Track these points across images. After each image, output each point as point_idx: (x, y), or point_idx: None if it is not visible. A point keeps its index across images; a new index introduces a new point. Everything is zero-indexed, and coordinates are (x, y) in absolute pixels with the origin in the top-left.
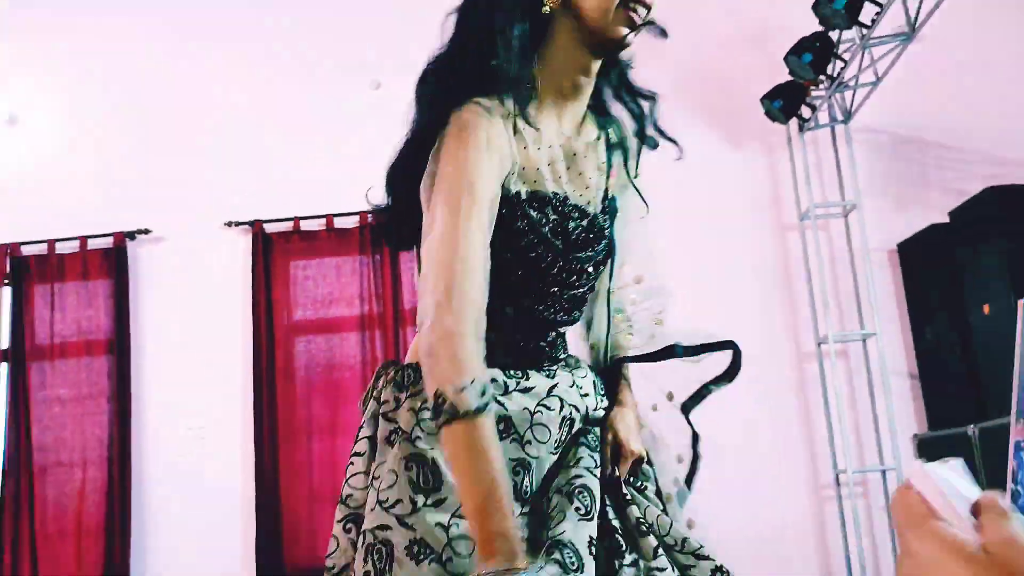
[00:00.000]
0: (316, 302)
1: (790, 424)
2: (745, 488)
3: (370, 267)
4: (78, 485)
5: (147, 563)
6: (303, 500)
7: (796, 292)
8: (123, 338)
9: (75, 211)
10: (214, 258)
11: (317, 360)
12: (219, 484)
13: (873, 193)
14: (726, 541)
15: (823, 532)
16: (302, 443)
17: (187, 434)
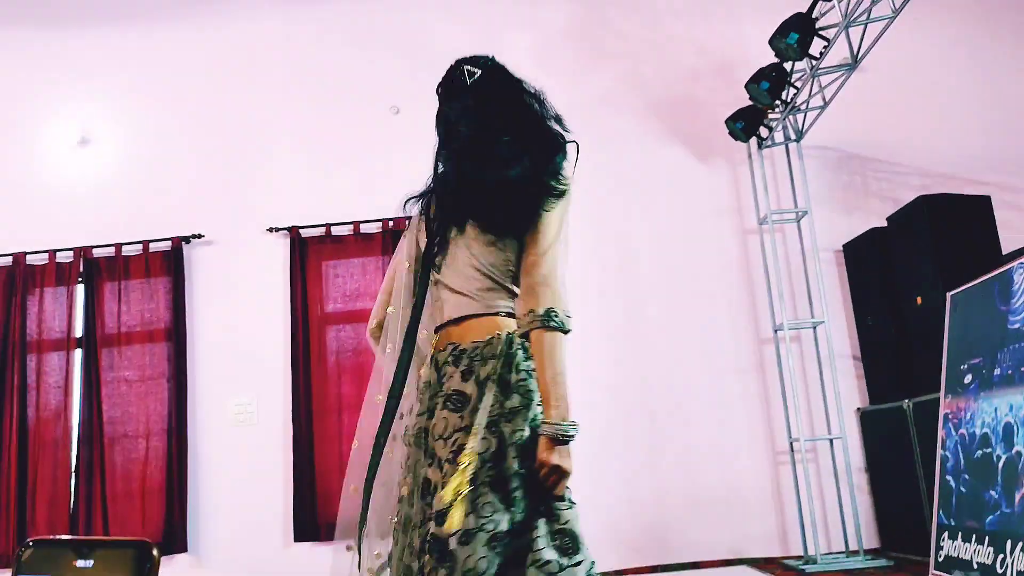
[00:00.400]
0: (345, 296)
1: (751, 399)
2: (713, 453)
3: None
4: (142, 453)
5: (201, 520)
6: (334, 467)
7: (756, 286)
8: (180, 327)
9: (138, 219)
10: (257, 259)
11: (346, 346)
12: (262, 453)
13: (821, 201)
14: (697, 498)
15: (779, 491)
16: (333, 418)
17: (235, 410)
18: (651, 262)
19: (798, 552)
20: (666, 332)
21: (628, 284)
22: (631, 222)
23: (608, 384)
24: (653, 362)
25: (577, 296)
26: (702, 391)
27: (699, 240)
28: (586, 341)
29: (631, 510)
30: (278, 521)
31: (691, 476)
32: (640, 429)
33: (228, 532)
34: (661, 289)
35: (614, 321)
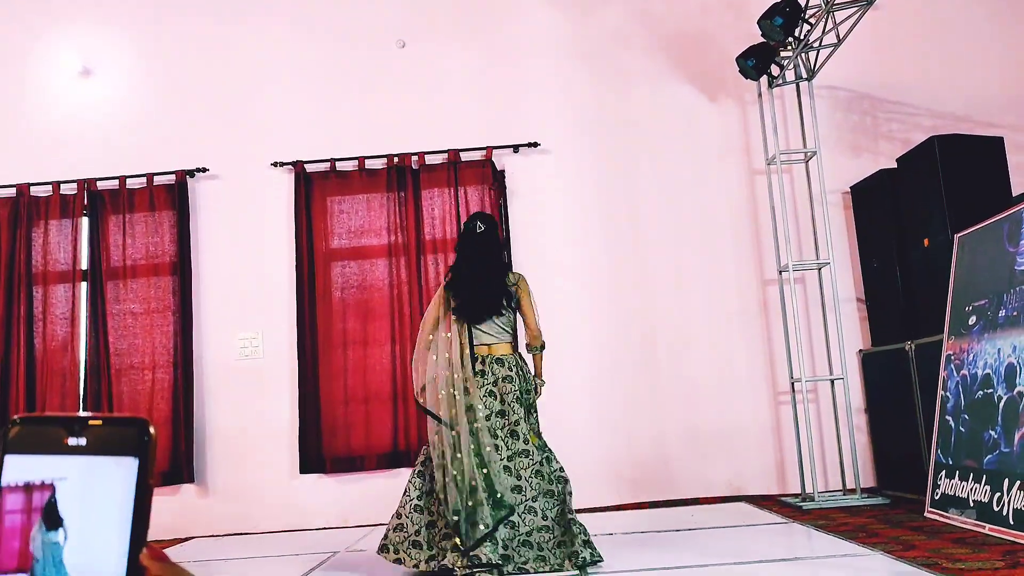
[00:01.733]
0: (350, 232)
1: (755, 339)
2: (715, 393)
3: (396, 203)
4: (148, 384)
5: (207, 451)
6: (338, 401)
7: (762, 227)
8: (185, 261)
9: (142, 152)
10: (262, 193)
11: (351, 282)
12: (267, 387)
13: (831, 142)
14: (698, 436)
15: (779, 431)
16: (338, 352)
17: (240, 344)
18: (657, 202)
19: (796, 490)
20: (671, 272)
21: (633, 223)
22: (637, 161)
23: (612, 323)
24: (657, 302)
25: (577, 236)
26: (706, 331)
27: (706, 180)
28: (591, 281)
29: (631, 447)
30: (283, 453)
31: (692, 415)
32: (643, 368)
33: (233, 463)
34: (667, 229)
35: (619, 260)
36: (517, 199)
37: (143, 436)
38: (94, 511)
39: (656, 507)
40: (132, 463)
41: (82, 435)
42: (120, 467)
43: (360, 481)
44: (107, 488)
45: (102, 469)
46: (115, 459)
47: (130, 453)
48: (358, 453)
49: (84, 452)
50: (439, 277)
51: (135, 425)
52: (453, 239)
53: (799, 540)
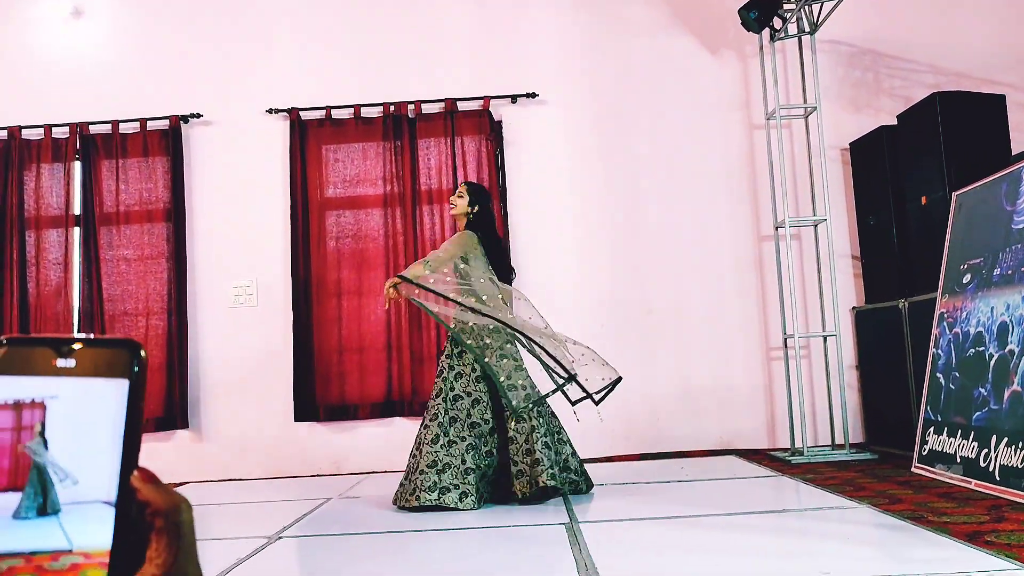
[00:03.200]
0: (345, 181)
1: (748, 295)
2: (707, 348)
3: (392, 152)
4: (142, 331)
5: (201, 398)
6: (333, 350)
7: (759, 183)
8: (179, 207)
9: (136, 96)
10: (257, 141)
11: (346, 232)
12: (262, 334)
13: (831, 97)
14: (689, 391)
15: (771, 386)
16: (332, 302)
17: (234, 291)
18: (654, 155)
19: (785, 445)
20: (665, 227)
21: (630, 176)
22: (636, 113)
23: (606, 277)
24: (651, 257)
25: (574, 189)
26: (699, 287)
27: (705, 134)
28: (583, 235)
29: (622, 400)
30: (278, 401)
31: (684, 370)
32: (635, 323)
33: (228, 410)
34: (663, 182)
35: (615, 213)
36: (514, 150)
37: (134, 358)
38: (84, 432)
39: (647, 459)
40: (122, 385)
41: (71, 357)
42: (110, 389)
43: (354, 429)
44: (97, 410)
45: (92, 391)
46: (105, 381)
47: (120, 375)
48: (352, 402)
49: (73, 374)
50: (435, 228)
51: (125, 347)
52: (449, 189)
53: (787, 493)
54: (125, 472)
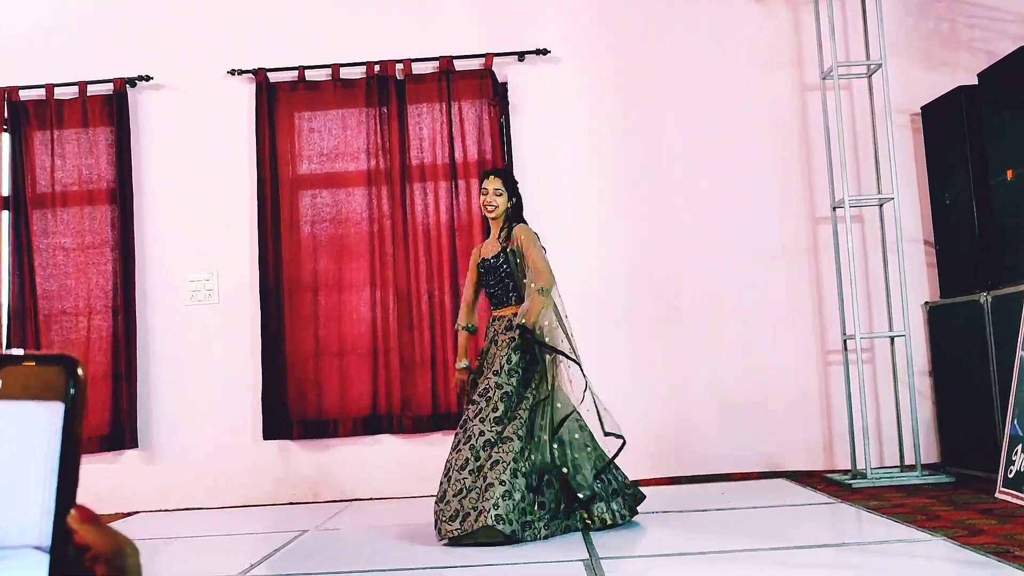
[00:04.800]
0: (321, 155)
1: (801, 288)
2: (751, 351)
3: (377, 120)
4: (84, 334)
5: (153, 412)
6: (308, 355)
7: (813, 154)
8: (125, 187)
9: (75, 56)
10: (217, 107)
11: (323, 215)
12: (224, 337)
13: (899, 53)
14: (730, 402)
15: (827, 396)
16: (307, 297)
17: (192, 286)
18: (687, 122)
19: (845, 465)
20: (700, 207)
21: (658, 147)
22: (664, 73)
23: (629, 265)
24: (684, 241)
25: (591, 163)
26: (742, 278)
27: (747, 98)
28: (602, 218)
29: (650, 414)
30: (244, 415)
31: (724, 377)
32: (663, 321)
33: (185, 427)
34: (697, 154)
35: (636, 194)
36: (521, 116)
37: (70, 377)
38: (11, 466)
39: (679, 483)
40: (57, 409)
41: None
42: (42, 413)
43: (333, 449)
44: (27, 439)
45: (20, 416)
46: (36, 404)
47: (54, 397)
48: (331, 416)
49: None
50: (428, 210)
51: (60, 364)
52: (445, 164)
53: (847, 523)
54: (60, 511)
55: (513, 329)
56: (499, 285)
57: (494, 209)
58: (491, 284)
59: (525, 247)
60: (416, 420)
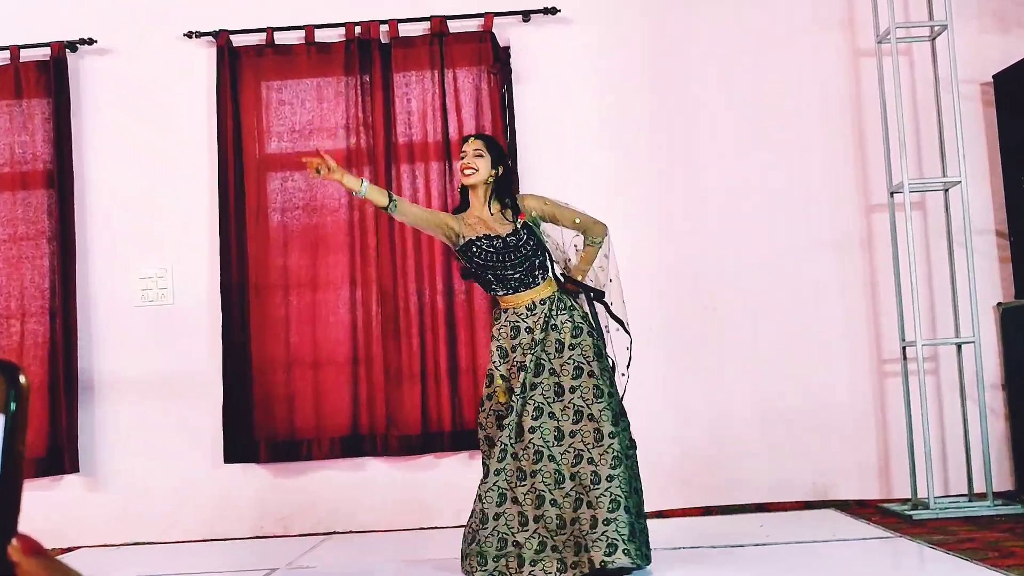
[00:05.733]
0: (293, 132)
1: (851, 287)
2: (794, 361)
3: (358, 91)
4: (16, 339)
5: (98, 431)
6: (278, 364)
7: (868, 130)
8: (64, 168)
9: (4, 15)
10: (172, 76)
11: (295, 201)
12: (180, 343)
13: (967, 13)
14: (769, 420)
15: (882, 412)
16: (277, 297)
17: (142, 284)
18: (719, 95)
19: (904, 494)
20: (737, 193)
21: (688, 124)
22: (695, 37)
23: (654, 263)
24: (716, 234)
25: (610, 142)
26: (783, 275)
27: (790, 65)
28: (622, 205)
29: (681, 434)
30: (203, 435)
31: (763, 390)
32: (695, 324)
33: (134, 448)
34: (733, 132)
35: (663, 177)
36: (526, 86)
37: (11, 387)
38: None
39: (712, 514)
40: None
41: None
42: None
43: (307, 474)
44: None
45: None
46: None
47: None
48: (304, 436)
49: None
50: (417, 194)
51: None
52: (437, 142)
53: (906, 561)
54: (0, 541)
55: (585, 297)
56: (522, 265)
57: (472, 173)
58: (508, 266)
59: (555, 208)
60: (403, 440)
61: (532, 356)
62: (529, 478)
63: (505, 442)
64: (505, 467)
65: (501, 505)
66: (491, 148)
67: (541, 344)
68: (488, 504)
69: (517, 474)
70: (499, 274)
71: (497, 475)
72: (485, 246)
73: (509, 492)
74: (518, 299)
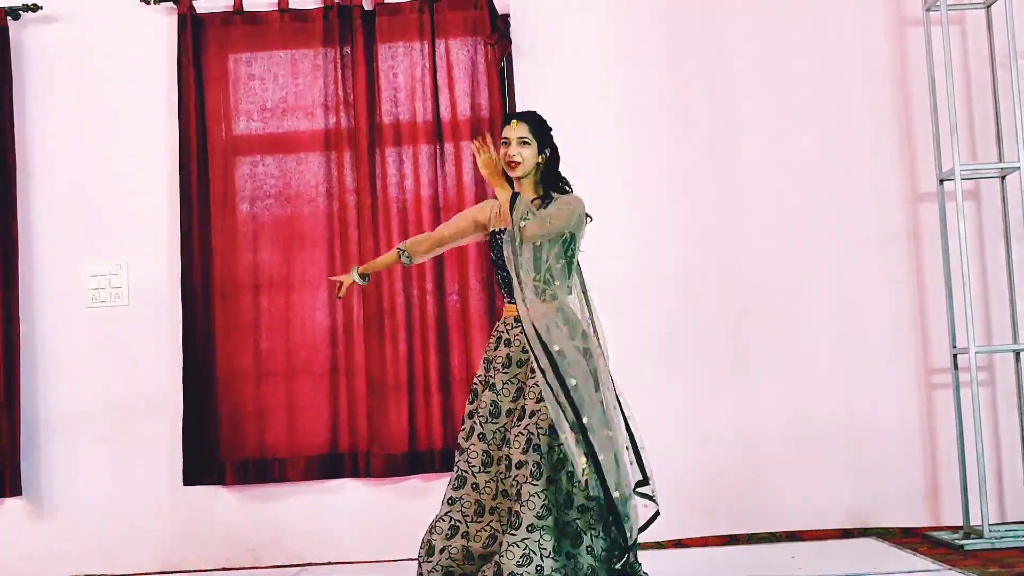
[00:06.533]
0: (264, 110)
1: (895, 287)
2: (831, 371)
3: (337, 64)
4: None
5: (44, 449)
6: (247, 374)
7: (915, 109)
8: (5, 153)
9: None
10: (126, 47)
11: (266, 189)
12: (135, 351)
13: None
14: (802, 438)
15: (930, 429)
16: (245, 298)
17: (92, 283)
18: (751, 69)
19: (955, 521)
20: (768, 180)
21: (713, 102)
22: (720, 4)
23: (674, 261)
24: (746, 227)
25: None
26: (819, 276)
27: (830, 35)
28: (639, 194)
29: (703, 455)
30: (158, 453)
31: (795, 404)
32: (721, 328)
33: (83, 468)
34: (764, 111)
35: (685, 162)
36: (528, 60)
37: None
38: None
39: (739, 543)
40: None
41: None
42: None
43: (280, 498)
44: None
45: None
46: None
47: None
48: (276, 455)
49: None
50: (405, 183)
51: None
52: (427, 122)
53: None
54: None
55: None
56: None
57: (517, 165)
58: (501, 266)
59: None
60: (388, 460)
61: (507, 377)
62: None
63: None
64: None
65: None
66: (537, 132)
67: (518, 362)
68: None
69: (476, 507)
70: (504, 275)
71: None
72: (500, 241)
73: (462, 524)
74: (510, 309)
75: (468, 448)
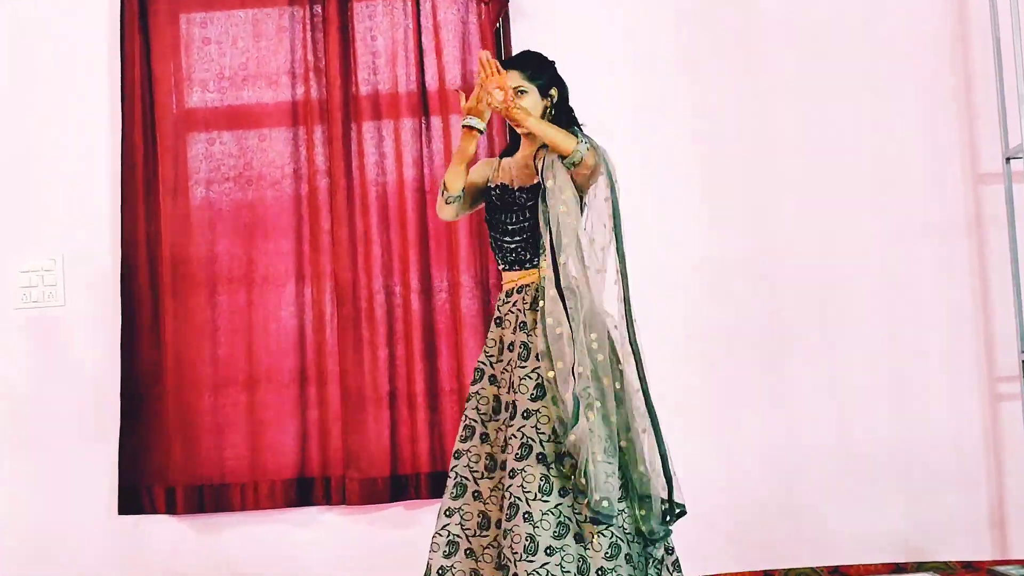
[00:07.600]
0: (222, 79)
1: (954, 284)
2: (879, 383)
3: (307, 26)
4: None
5: None
6: (201, 383)
7: (975, 82)
8: None
9: None
10: (60, 8)
11: (224, 170)
12: (70, 354)
13: None
14: (847, 461)
15: (995, 449)
16: (200, 297)
17: (21, 279)
18: (782, 38)
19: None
20: (805, 161)
21: (738, 73)
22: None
23: (697, 255)
24: (780, 214)
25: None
26: (867, 269)
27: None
28: (658, 177)
29: (734, 477)
30: (93, 475)
31: (839, 420)
32: (752, 330)
33: (3, 495)
34: (799, 85)
35: (714, 143)
36: (527, 23)
37: None
38: None
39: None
40: None
41: None
42: None
43: (239, 528)
44: None
45: None
46: None
47: None
48: (236, 479)
49: None
50: (385, 163)
51: None
52: (411, 92)
53: None
54: None
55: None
56: (522, 234)
57: (516, 113)
58: (509, 230)
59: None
60: (366, 485)
61: (501, 365)
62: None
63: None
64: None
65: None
66: (535, 76)
67: (509, 346)
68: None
69: (479, 519)
70: (499, 240)
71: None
72: (494, 198)
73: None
74: (508, 278)
75: (468, 450)
